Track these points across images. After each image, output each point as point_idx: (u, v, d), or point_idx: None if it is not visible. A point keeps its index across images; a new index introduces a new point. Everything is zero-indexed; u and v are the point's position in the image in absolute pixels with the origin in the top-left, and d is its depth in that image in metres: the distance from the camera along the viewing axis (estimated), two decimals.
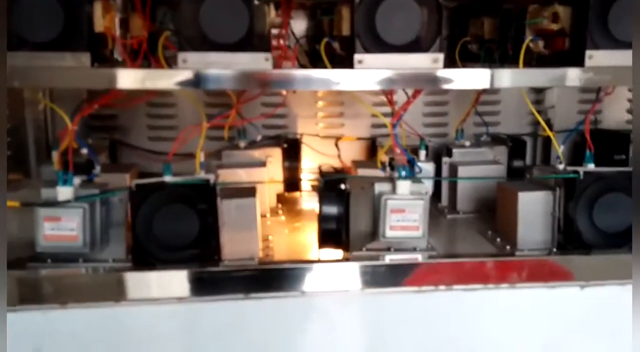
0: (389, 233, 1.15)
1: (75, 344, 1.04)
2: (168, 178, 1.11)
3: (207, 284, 1.07)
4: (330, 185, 1.16)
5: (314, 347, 1.10)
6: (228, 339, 1.08)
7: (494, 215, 1.33)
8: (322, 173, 1.22)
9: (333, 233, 1.17)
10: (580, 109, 1.67)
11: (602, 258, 1.13)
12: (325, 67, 1.11)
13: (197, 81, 1.02)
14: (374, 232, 1.17)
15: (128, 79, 1.02)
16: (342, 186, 1.14)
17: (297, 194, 1.57)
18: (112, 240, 1.17)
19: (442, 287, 1.11)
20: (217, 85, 1.04)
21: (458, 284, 1.10)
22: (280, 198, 1.53)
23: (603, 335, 1.15)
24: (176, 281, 1.06)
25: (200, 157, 1.17)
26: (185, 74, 1.02)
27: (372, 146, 1.61)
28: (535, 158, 1.69)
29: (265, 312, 1.08)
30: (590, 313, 1.14)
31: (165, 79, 1.03)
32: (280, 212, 1.48)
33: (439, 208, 1.50)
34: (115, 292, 1.05)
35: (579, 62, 1.07)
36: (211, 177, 1.12)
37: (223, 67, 1.02)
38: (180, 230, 1.10)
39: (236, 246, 1.16)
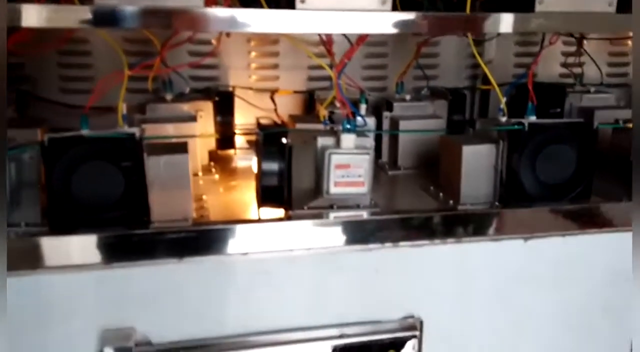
0: (334, 190, 1.09)
1: None
2: (86, 132, 0.99)
3: (136, 248, 0.97)
4: (270, 139, 1.07)
5: (256, 311, 1.03)
6: (161, 306, 0.99)
7: (435, 170, 1.30)
8: (260, 127, 1.13)
9: (274, 190, 1.09)
10: (517, 62, 1.66)
11: (545, 210, 1.13)
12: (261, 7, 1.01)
13: (113, 18, 0.90)
14: (317, 189, 1.11)
15: (32, 15, 0.88)
16: (284, 140, 1.06)
17: (231, 151, 1.47)
18: (25, 202, 1.04)
19: (387, 244, 1.06)
20: (137, 23, 0.92)
21: (403, 241, 1.07)
22: (213, 156, 1.43)
23: (546, 285, 1.16)
24: (100, 245, 0.95)
25: (123, 109, 1.05)
26: (99, 10, 0.89)
27: (309, 100, 1.52)
28: (473, 112, 1.67)
29: (201, 276, 1.00)
30: (533, 265, 1.14)
31: (74, 15, 0.89)
32: (213, 170, 1.38)
33: (379, 164, 1.45)
34: (32, 259, 0.93)
35: (529, 7, 1.03)
36: (136, 131, 1.00)
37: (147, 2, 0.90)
38: (102, 190, 0.98)
39: (167, 206, 1.05)
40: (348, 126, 1.09)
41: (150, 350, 0.99)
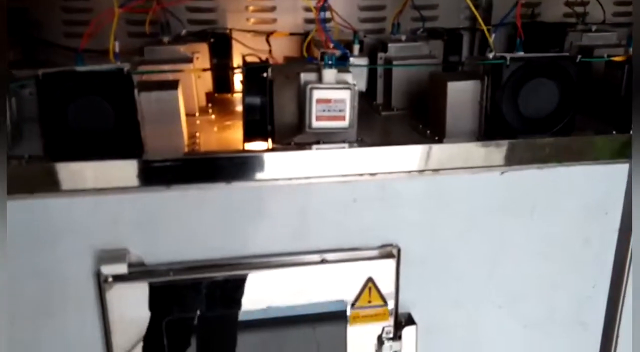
0: (315, 124, 1.13)
1: None
2: (78, 68, 1.05)
3: (127, 175, 1.04)
4: (253, 74, 1.11)
5: (240, 236, 1.10)
6: (152, 231, 1.07)
7: (424, 114, 1.32)
8: (245, 63, 1.17)
9: (257, 124, 1.13)
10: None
11: (521, 143, 1.14)
12: None
13: None
14: (300, 124, 1.15)
15: None
16: (265, 74, 1.10)
17: (228, 95, 1.52)
18: (27, 137, 1.12)
19: (366, 175, 1.11)
20: None
21: (381, 172, 1.11)
22: (210, 99, 1.48)
23: (523, 217, 1.18)
24: (93, 172, 1.02)
25: (115, 47, 1.11)
26: None
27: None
28: (473, 53, 1.67)
29: (189, 203, 1.07)
30: (510, 197, 1.17)
31: None
32: (210, 111, 1.43)
33: (373, 106, 1.48)
34: (30, 185, 1.01)
35: None
36: (126, 66, 1.06)
37: None
38: (94, 122, 1.05)
39: (159, 141, 1.12)
40: (329, 61, 1.12)
41: (143, 270, 1.07)
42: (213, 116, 1.41)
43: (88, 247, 1.05)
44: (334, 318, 1.14)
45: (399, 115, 1.43)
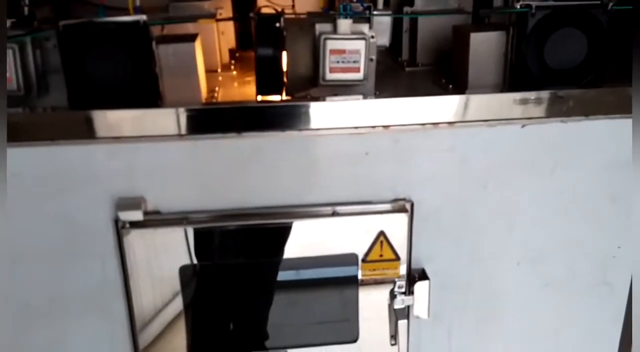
0: (329, 76, 1.12)
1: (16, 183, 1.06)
2: (96, 19, 1.08)
3: (142, 124, 1.06)
4: (265, 24, 1.11)
5: (252, 187, 1.11)
6: (165, 180, 1.10)
7: (447, 68, 1.28)
8: (258, 14, 1.17)
9: (270, 76, 1.13)
10: None
11: (545, 95, 1.09)
12: None
13: None
14: (315, 76, 1.14)
15: None
16: (277, 24, 1.10)
17: (252, 52, 1.51)
18: (53, 88, 1.17)
19: (379, 128, 1.09)
20: None
21: (394, 124, 1.09)
22: (233, 55, 1.49)
23: (544, 172, 1.14)
24: (110, 120, 1.06)
25: (136, 1, 1.13)
26: None
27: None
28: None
29: (202, 152, 1.09)
30: (531, 150, 1.12)
31: None
32: (232, 67, 1.44)
33: (398, 62, 1.45)
34: (50, 133, 1.05)
35: None
36: (142, 17, 1.08)
37: None
38: (112, 73, 1.07)
39: (177, 93, 1.14)
40: (344, 11, 1.10)
41: (158, 218, 1.10)
42: (235, 72, 1.42)
43: (106, 195, 1.09)
44: (345, 272, 1.14)
45: (423, 71, 1.39)
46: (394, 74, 1.38)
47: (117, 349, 1.17)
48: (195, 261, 1.11)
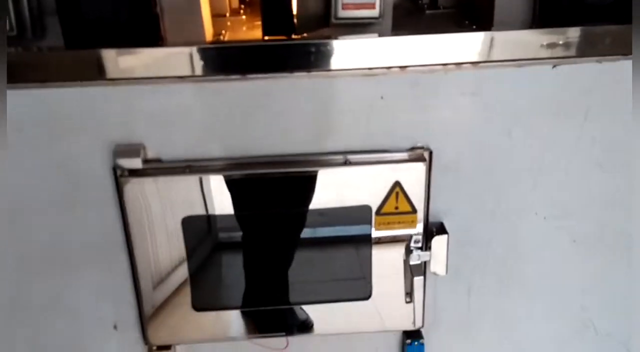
0: (342, 13, 1.04)
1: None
2: None
3: (140, 64, 0.99)
4: None
5: (258, 134, 1.04)
6: (166, 126, 1.03)
7: (468, 9, 1.18)
8: None
9: (276, 13, 1.05)
10: None
11: (579, 31, 0.98)
12: None
13: None
14: (326, 14, 1.05)
15: None
16: None
17: None
18: (50, 31, 1.10)
19: (395, 68, 1.00)
20: None
21: (412, 65, 1.00)
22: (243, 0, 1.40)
23: (576, 117, 1.04)
24: (106, 60, 0.98)
25: None
26: None
27: None
28: None
29: (204, 96, 1.01)
30: (562, 94, 1.03)
31: None
32: (241, 12, 1.35)
33: (419, 5, 1.35)
34: (43, 74, 0.98)
35: None
36: None
37: None
38: (109, 13, 1.01)
39: (179, 34, 1.07)
40: None
41: (159, 166, 1.04)
42: (244, 17, 1.34)
43: (104, 141, 1.02)
44: (357, 223, 1.07)
45: (445, 13, 1.28)
46: (413, 16, 1.28)
47: (121, 303, 1.12)
48: (200, 212, 1.05)
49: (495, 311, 1.19)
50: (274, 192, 1.06)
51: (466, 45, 0.99)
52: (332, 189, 1.05)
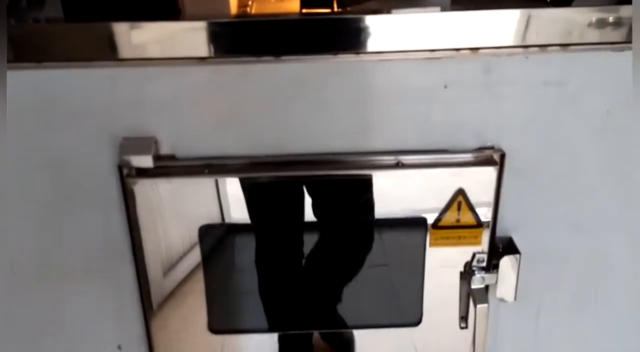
0: None
1: None
2: None
3: (156, 42, 0.81)
4: None
5: (291, 128, 0.86)
6: (183, 116, 0.85)
7: None
8: None
9: None
10: None
11: None
12: None
13: None
14: None
15: None
16: None
17: None
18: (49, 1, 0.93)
19: (465, 50, 0.81)
20: None
21: (484, 46, 0.81)
22: None
23: None
24: (116, 37, 0.81)
25: None
26: None
27: None
28: None
29: (229, 81, 0.84)
30: None
31: None
32: None
33: None
34: (38, 52, 0.82)
35: None
36: None
37: None
38: None
39: (200, 6, 0.89)
40: None
41: (173, 164, 0.87)
42: None
43: (108, 134, 0.85)
44: (409, 238, 0.90)
45: None
46: None
47: (126, 321, 0.96)
48: (220, 220, 0.88)
49: (567, 334, 1.01)
50: (310, 198, 0.88)
51: (554, 23, 0.80)
52: (379, 197, 0.87)
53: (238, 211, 0.88)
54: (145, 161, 0.85)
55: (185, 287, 0.92)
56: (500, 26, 0.80)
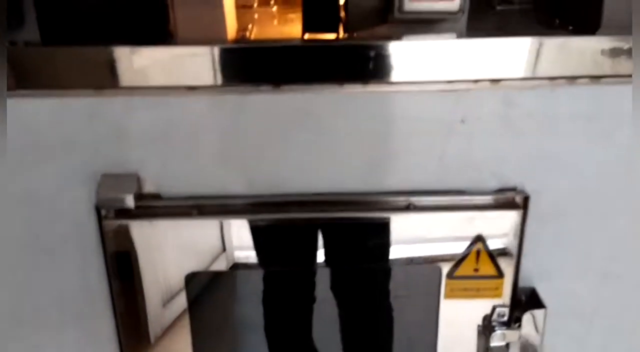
0: (410, 5, 0.77)
1: None
2: None
3: (141, 69, 0.73)
4: None
5: (293, 164, 0.77)
6: (169, 151, 0.76)
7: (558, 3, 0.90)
8: None
9: (321, 5, 0.79)
10: None
11: None
12: None
13: None
14: (386, 8, 0.79)
15: None
16: None
17: None
18: (29, 21, 0.85)
19: (484, 82, 0.73)
20: None
21: (508, 78, 0.73)
22: None
23: None
24: (94, 64, 0.73)
25: None
26: None
27: None
28: None
29: (222, 112, 0.75)
30: None
31: None
32: (272, 2, 1.09)
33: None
34: (11, 78, 0.73)
35: None
36: None
37: None
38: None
39: (194, 29, 0.81)
40: None
41: (158, 205, 0.78)
42: (275, 8, 1.07)
43: (85, 170, 0.76)
44: (421, 289, 0.80)
45: (521, 10, 1.01)
46: (479, 13, 1.01)
47: None
48: (210, 267, 0.79)
49: None
50: (310, 244, 0.79)
51: (582, 53, 0.72)
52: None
53: (229, 257, 0.79)
54: (125, 200, 0.75)
55: (168, 343, 0.82)
56: (523, 55, 0.73)
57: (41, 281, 0.82)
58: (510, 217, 0.77)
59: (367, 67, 0.73)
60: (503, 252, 0.78)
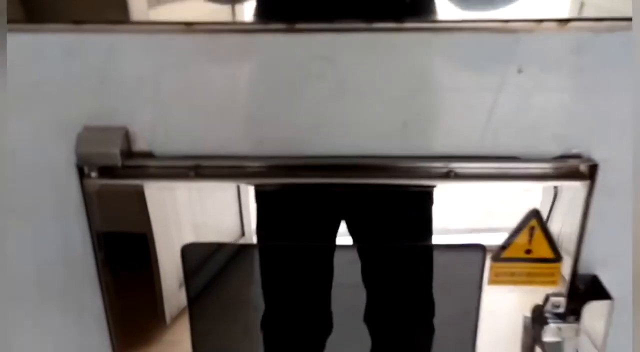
0: None
1: None
2: None
3: (137, 3, 0.61)
4: None
5: (315, 122, 0.65)
6: (162, 100, 0.64)
7: None
8: None
9: None
10: None
11: None
12: None
13: None
14: None
15: None
16: None
17: None
18: None
19: (549, 22, 0.59)
20: None
21: (576, 18, 0.59)
22: None
23: None
24: None
25: None
26: None
27: None
28: None
29: (228, 53, 0.63)
30: None
31: None
32: None
33: None
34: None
35: None
36: None
37: None
38: None
39: None
40: None
41: (150, 165, 0.66)
42: None
43: (64, 121, 0.65)
44: (461, 272, 0.68)
45: None
46: None
47: None
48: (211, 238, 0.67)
49: None
50: (328, 216, 0.67)
51: None
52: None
53: (232, 227, 0.68)
54: (110, 158, 0.64)
55: (164, 322, 0.71)
56: None
57: (18, 249, 0.71)
58: (574, 190, 0.63)
59: (402, 1, 0.60)
60: (562, 232, 0.65)
